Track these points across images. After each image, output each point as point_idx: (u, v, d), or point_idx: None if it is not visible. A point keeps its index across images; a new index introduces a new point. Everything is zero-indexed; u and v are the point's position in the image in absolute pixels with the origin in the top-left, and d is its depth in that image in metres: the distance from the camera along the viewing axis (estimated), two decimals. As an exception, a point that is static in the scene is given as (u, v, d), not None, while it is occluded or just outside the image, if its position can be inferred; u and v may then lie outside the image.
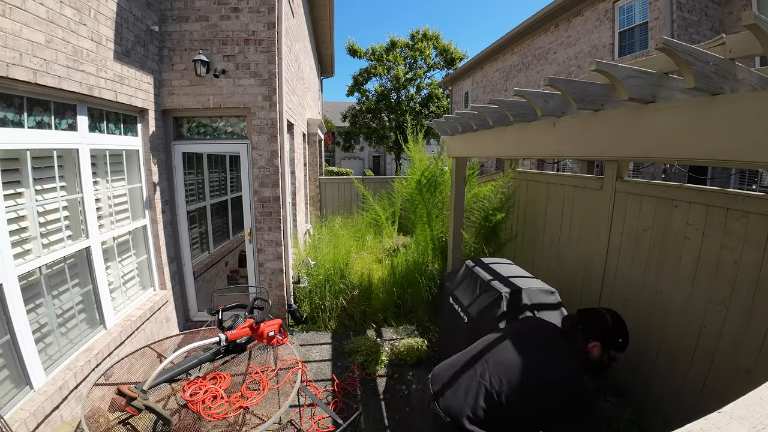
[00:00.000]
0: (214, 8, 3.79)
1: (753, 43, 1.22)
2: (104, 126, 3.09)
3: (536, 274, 3.08)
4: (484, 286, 2.75)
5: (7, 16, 2.01)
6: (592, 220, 3.53)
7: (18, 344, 2.15)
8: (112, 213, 3.20)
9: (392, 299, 4.77)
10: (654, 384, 2.83)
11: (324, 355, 3.97)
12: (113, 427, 1.81)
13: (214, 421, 1.88)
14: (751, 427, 0.41)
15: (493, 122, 2.87)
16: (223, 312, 2.38)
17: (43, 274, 2.44)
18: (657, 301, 2.85)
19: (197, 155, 5.41)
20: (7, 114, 2.17)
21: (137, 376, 2.90)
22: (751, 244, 2.26)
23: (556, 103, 2.09)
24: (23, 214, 2.29)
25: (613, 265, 3.28)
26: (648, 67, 1.55)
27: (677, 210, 2.73)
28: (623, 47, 8.54)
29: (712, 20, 7.69)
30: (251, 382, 2.23)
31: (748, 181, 7.88)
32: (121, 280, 3.28)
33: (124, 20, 3.13)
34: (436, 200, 5.40)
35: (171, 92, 3.85)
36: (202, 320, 4.34)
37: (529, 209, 4.66)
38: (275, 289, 4.36)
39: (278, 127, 4.00)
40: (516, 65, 12.56)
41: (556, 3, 9.62)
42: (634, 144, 1.65)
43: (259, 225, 4.20)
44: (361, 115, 19.90)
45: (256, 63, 3.88)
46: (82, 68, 2.61)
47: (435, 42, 18.51)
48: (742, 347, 2.27)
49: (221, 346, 2.10)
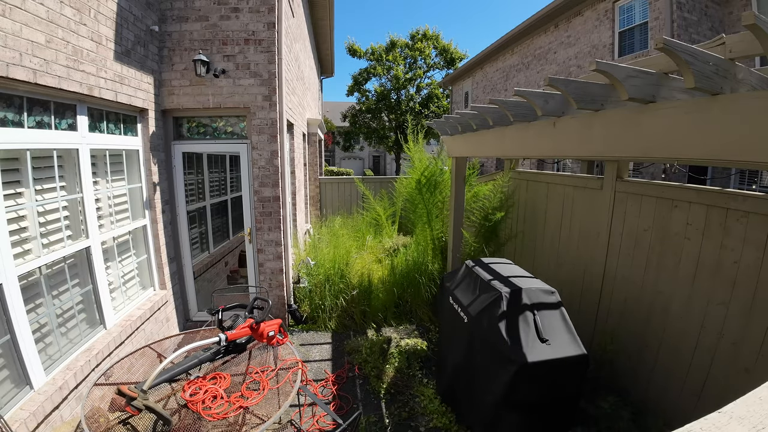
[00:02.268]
0: (214, 8, 3.79)
1: (753, 43, 1.23)
2: (104, 126, 3.09)
3: (536, 274, 3.07)
4: (484, 286, 2.75)
5: (7, 16, 2.01)
6: (592, 220, 3.53)
7: (18, 344, 2.15)
8: (112, 213, 3.20)
9: (392, 299, 4.77)
10: (654, 384, 2.83)
11: (324, 355, 3.97)
12: (113, 427, 1.81)
13: (214, 421, 1.88)
14: (751, 427, 0.41)
15: (493, 122, 2.87)
16: (223, 312, 2.38)
17: (43, 274, 2.44)
18: (657, 301, 2.85)
19: (197, 155, 5.41)
20: (7, 114, 2.17)
21: (137, 376, 2.90)
22: (751, 244, 2.26)
23: (556, 103, 2.09)
24: (23, 214, 2.29)
25: (613, 265, 3.28)
26: (648, 67, 1.55)
27: (677, 210, 2.73)
28: (623, 47, 8.53)
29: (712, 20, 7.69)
30: (251, 382, 2.24)
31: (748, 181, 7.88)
32: (121, 280, 3.28)
33: (124, 20, 3.12)
34: (436, 200, 5.40)
35: (171, 92, 3.85)
36: (202, 320, 4.34)
37: (529, 209, 4.66)
38: (275, 289, 4.36)
39: (278, 127, 4.00)
40: (516, 65, 12.55)
41: (556, 3, 9.61)
42: (634, 144, 1.65)
43: (259, 225, 4.20)
44: (361, 115, 19.88)
45: (256, 63, 3.88)
46: (82, 68, 2.61)
47: (435, 42, 18.49)
48: (742, 347, 2.27)
49: (221, 346, 2.10)
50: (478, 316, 2.58)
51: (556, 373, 2.33)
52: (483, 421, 2.57)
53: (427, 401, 3.19)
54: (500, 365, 2.34)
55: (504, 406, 2.37)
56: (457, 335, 2.89)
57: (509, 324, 2.42)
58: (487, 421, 2.51)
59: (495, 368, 2.39)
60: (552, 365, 2.27)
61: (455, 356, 2.90)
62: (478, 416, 2.64)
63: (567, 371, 2.35)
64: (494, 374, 2.39)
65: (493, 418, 2.46)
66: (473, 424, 2.75)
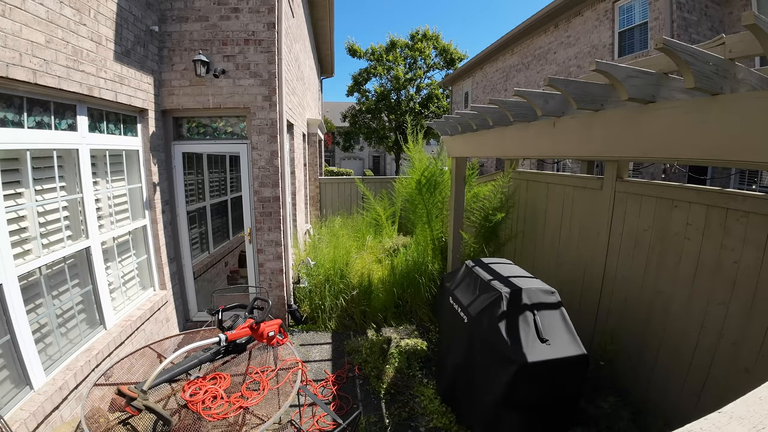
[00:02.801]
0: (214, 8, 3.79)
1: (753, 43, 1.22)
2: (104, 126, 3.09)
3: (536, 274, 3.07)
4: (484, 286, 2.75)
5: (7, 16, 2.01)
6: (592, 220, 3.53)
7: (18, 344, 2.15)
8: (112, 213, 3.19)
9: (392, 299, 4.77)
10: (654, 384, 2.83)
11: (324, 355, 3.97)
12: (113, 427, 1.81)
13: (214, 421, 1.88)
14: (751, 427, 0.41)
15: (493, 122, 2.87)
16: (223, 312, 2.38)
17: (43, 274, 2.44)
18: (657, 301, 2.85)
19: (197, 155, 5.41)
20: (7, 114, 2.17)
21: (137, 376, 2.90)
22: (751, 244, 2.26)
23: (556, 103, 2.09)
24: (23, 214, 2.29)
25: (613, 265, 3.28)
26: (648, 67, 1.55)
27: (677, 210, 2.73)
28: (623, 47, 8.53)
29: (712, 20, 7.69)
30: (251, 382, 2.24)
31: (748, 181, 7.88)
32: (121, 281, 3.28)
33: (124, 20, 3.12)
34: (435, 200, 5.40)
35: (171, 92, 3.85)
36: (202, 320, 4.34)
37: (529, 209, 4.66)
38: (275, 290, 4.35)
39: (278, 128, 4.00)
40: (516, 65, 12.55)
41: (556, 3, 9.61)
42: (634, 144, 1.65)
43: (259, 225, 4.20)
44: (361, 115, 19.89)
45: (256, 63, 3.88)
46: (82, 68, 2.61)
47: (435, 42, 18.50)
48: (742, 347, 2.27)
49: (221, 346, 2.10)
50: (478, 316, 2.58)
51: (556, 373, 2.33)
52: (483, 421, 2.57)
53: (427, 401, 3.19)
54: (500, 365, 2.34)
55: (504, 406, 2.37)
56: (457, 335, 2.89)
57: (509, 324, 2.42)
58: (487, 421, 2.51)
59: (495, 368, 2.39)
60: (552, 365, 2.28)
61: (455, 356, 2.90)
62: (478, 416, 2.64)
63: (567, 371, 2.35)
64: (494, 374, 2.39)
65: (493, 418, 2.46)
66: (473, 424, 2.75)
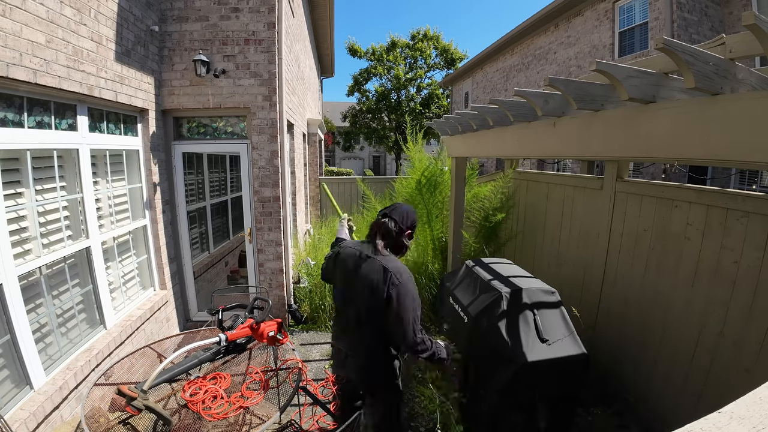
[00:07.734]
0: (214, 8, 3.79)
1: (753, 43, 1.22)
2: (104, 126, 3.09)
3: (536, 274, 3.07)
4: (484, 286, 2.75)
5: (7, 16, 2.01)
6: (592, 220, 3.53)
7: (18, 344, 2.15)
8: (112, 213, 3.20)
9: (392, 299, 4.76)
10: (654, 384, 2.83)
11: (324, 355, 3.97)
12: (113, 427, 1.81)
13: (214, 421, 1.88)
14: (751, 427, 0.41)
15: (494, 122, 2.87)
16: (223, 312, 2.37)
17: (43, 274, 2.44)
18: (657, 302, 2.85)
19: (197, 155, 5.42)
20: (7, 114, 2.17)
21: (137, 376, 2.91)
22: (751, 244, 2.26)
23: (556, 103, 2.09)
24: (23, 214, 2.29)
25: (613, 265, 3.28)
26: (648, 67, 1.55)
27: (677, 210, 2.73)
28: (623, 47, 8.54)
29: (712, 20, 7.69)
30: (251, 382, 2.23)
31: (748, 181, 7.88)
32: (121, 280, 3.28)
33: (125, 20, 3.12)
34: (436, 200, 5.39)
35: (171, 92, 3.85)
36: (202, 320, 4.34)
37: (529, 209, 4.66)
38: (275, 289, 4.35)
39: (278, 127, 4.00)
40: (516, 65, 12.55)
41: (556, 3, 9.61)
42: (634, 144, 1.65)
43: (259, 225, 4.20)
44: (361, 115, 19.90)
45: (256, 63, 3.88)
46: (83, 68, 2.61)
47: (435, 42, 18.52)
48: (742, 347, 2.27)
49: (221, 346, 2.09)
50: (478, 315, 2.58)
51: (557, 373, 2.33)
52: (483, 420, 2.57)
53: (427, 401, 3.18)
54: (500, 365, 2.34)
55: (504, 405, 2.37)
56: (457, 335, 2.89)
57: (509, 324, 2.42)
58: (488, 420, 2.51)
59: (495, 368, 2.39)
60: (552, 365, 2.28)
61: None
62: (478, 416, 2.64)
63: (567, 371, 2.35)
64: (494, 374, 2.39)
65: (494, 417, 2.46)
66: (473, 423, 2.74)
